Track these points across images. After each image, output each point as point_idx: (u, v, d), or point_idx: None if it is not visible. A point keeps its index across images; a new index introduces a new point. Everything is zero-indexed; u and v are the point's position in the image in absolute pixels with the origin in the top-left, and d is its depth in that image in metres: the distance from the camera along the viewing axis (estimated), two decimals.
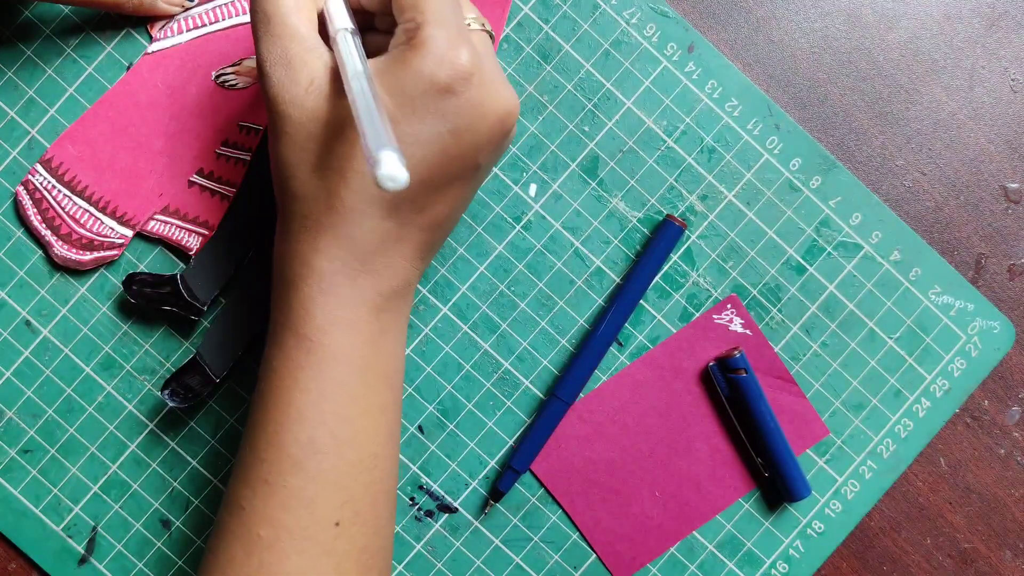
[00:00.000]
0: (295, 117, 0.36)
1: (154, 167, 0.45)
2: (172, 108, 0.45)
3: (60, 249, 0.45)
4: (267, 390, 0.38)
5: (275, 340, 0.38)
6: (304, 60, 0.36)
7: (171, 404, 0.44)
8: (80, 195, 0.45)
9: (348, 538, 0.37)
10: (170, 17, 0.45)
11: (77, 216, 0.45)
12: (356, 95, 0.33)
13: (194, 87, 0.45)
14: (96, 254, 0.45)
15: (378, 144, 0.31)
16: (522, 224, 0.46)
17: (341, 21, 0.38)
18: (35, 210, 0.45)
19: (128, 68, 0.45)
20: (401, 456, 0.46)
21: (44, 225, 0.45)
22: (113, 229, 0.45)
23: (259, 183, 0.46)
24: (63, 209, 0.45)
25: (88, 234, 0.45)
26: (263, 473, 0.37)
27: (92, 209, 0.45)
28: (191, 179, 0.45)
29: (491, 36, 0.39)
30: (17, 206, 0.45)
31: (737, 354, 0.45)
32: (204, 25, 0.45)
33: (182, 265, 0.46)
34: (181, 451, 0.46)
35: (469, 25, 0.38)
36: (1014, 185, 0.48)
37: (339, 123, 0.36)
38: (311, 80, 0.36)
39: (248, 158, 0.45)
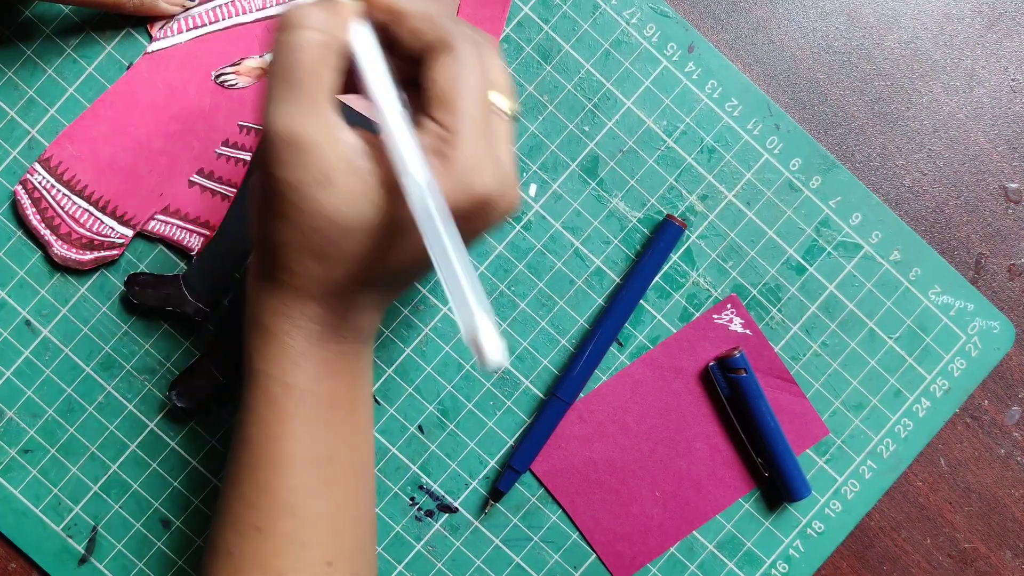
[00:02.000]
0: (298, 205, 0.33)
1: (154, 167, 0.45)
2: (172, 108, 0.45)
3: (60, 249, 0.45)
4: (255, 438, 0.37)
5: (259, 388, 0.37)
6: (322, 149, 0.32)
7: (179, 405, 0.44)
8: (79, 194, 0.45)
9: (339, 575, 0.37)
10: (170, 17, 0.45)
11: (77, 216, 0.45)
12: (430, 235, 0.30)
13: (194, 87, 0.45)
14: (96, 254, 0.45)
15: (475, 321, 0.27)
16: (522, 224, 0.46)
17: (385, 94, 0.33)
18: (34, 209, 0.45)
19: (128, 68, 0.45)
20: (401, 456, 0.46)
21: (43, 224, 0.45)
22: (113, 229, 0.45)
23: None
24: (62, 208, 0.45)
25: (88, 234, 0.45)
26: (253, 519, 0.36)
27: (92, 208, 0.45)
28: (191, 179, 0.45)
29: (515, 118, 0.36)
30: (15, 206, 0.45)
31: (737, 354, 0.45)
32: (204, 25, 0.45)
33: (183, 265, 0.46)
34: (181, 451, 0.46)
35: (493, 105, 0.34)
36: (1014, 185, 0.48)
37: (350, 225, 0.33)
38: (326, 175, 0.32)
39: (248, 158, 0.45)
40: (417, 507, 0.46)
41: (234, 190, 0.45)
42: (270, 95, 0.33)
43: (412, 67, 0.35)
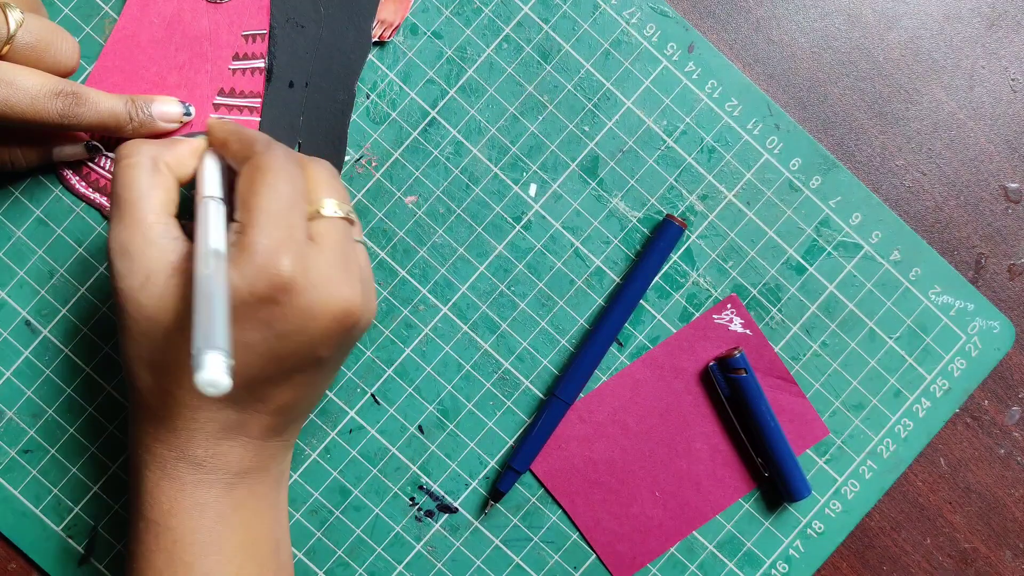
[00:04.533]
0: (130, 311, 0.36)
1: None
2: (174, 39, 0.45)
3: None
4: (128, 574, 0.39)
5: (130, 524, 0.39)
6: (143, 253, 0.36)
7: None
8: (113, 149, 0.45)
9: None
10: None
11: None
12: (199, 278, 0.32)
13: (188, 12, 0.45)
14: None
15: (206, 343, 0.29)
16: (522, 224, 0.46)
17: (208, 188, 0.37)
18: (78, 178, 0.45)
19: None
20: (401, 456, 0.46)
21: (91, 190, 0.45)
22: None
23: (282, 84, 0.46)
24: (104, 168, 0.45)
25: None
26: None
27: None
28: (215, 102, 0.46)
29: (350, 220, 0.38)
30: (62, 180, 0.45)
31: (737, 354, 0.45)
32: None
33: None
34: None
35: (320, 212, 0.37)
36: (1014, 185, 0.48)
37: (168, 323, 0.36)
38: (147, 275, 0.36)
39: (262, 65, 0.45)
40: (417, 507, 0.46)
41: (258, 100, 0.45)
42: (109, 220, 0.37)
43: None
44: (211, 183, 0.38)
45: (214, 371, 0.29)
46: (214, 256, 0.33)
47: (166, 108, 0.44)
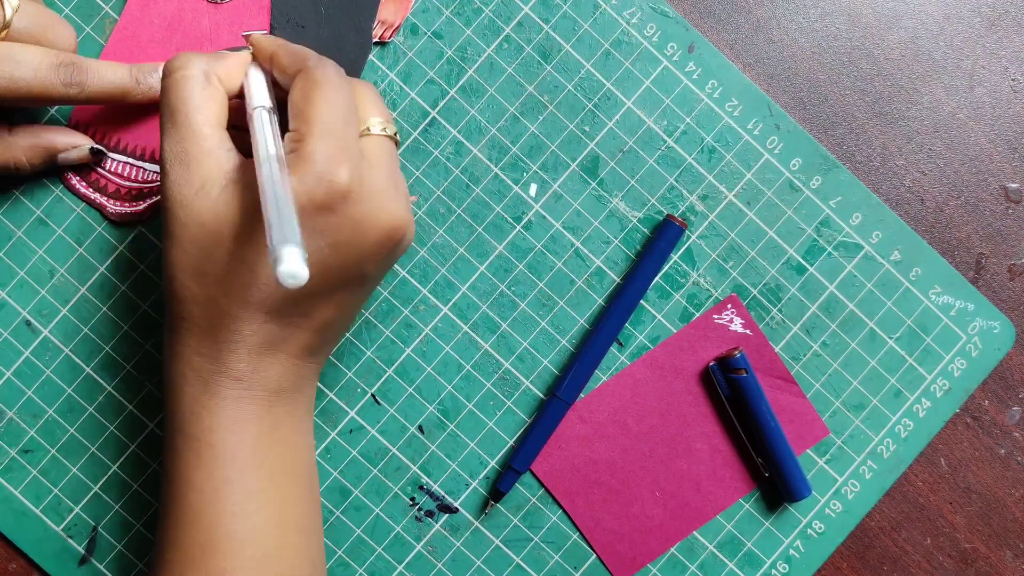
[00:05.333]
0: (181, 219, 0.36)
1: None
2: (174, 39, 0.46)
3: (114, 207, 0.45)
4: (166, 492, 0.39)
5: (168, 441, 0.39)
6: (200, 162, 0.36)
7: None
8: (115, 150, 0.45)
9: None
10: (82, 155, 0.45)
11: (120, 171, 0.45)
12: (264, 181, 0.33)
13: (188, 12, 0.45)
14: (149, 200, 0.45)
15: (282, 238, 0.30)
16: (522, 224, 0.46)
17: (258, 98, 0.38)
18: (78, 178, 0.45)
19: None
20: (401, 456, 0.46)
21: (91, 189, 0.45)
22: (156, 172, 0.45)
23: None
24: (104, 168, 0.45)
25: (136, 184, 0.45)
26: (167, 574, 0.37)
27: (131, 160, 0.45)
28: None
29: (395, 141, 0.39)
30: (63, 180, 0.45)
31: (737, 354, 0.45)
32: None
33: None
34: None
35: (369, 130, 0.38)
36: (1014, 185, 0.48)
37: (221, 230, 0.36)
38: (202, 184, 0.36)
39: None
40: (417, 507, 0.46)
41: None
42: (161, 130, 0.38)
43: None
44: (260, 94, 0.39)
45: (293, 263, 0.30)
46: (276, 160, 0.34)
47: None
